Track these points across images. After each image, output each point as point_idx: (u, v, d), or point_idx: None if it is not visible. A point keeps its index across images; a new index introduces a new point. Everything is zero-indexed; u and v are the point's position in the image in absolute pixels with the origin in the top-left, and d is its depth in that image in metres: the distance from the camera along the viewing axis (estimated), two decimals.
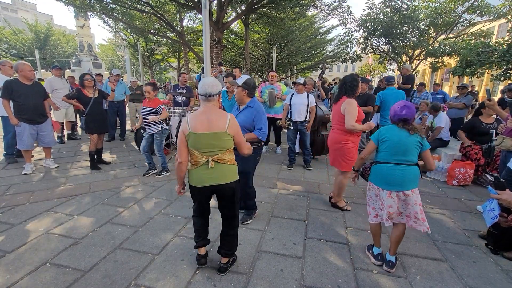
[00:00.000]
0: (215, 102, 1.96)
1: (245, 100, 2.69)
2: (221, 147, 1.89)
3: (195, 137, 1.85)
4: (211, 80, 1.93)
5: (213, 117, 1.87)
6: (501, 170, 3.47)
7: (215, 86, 1.90)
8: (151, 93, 4.03)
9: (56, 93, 5.77)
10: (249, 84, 2.64)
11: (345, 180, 3.20)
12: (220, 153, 1.90)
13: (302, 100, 4.51)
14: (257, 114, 2.66)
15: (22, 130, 4.05)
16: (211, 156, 1.88)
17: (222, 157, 1.90)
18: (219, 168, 1.91)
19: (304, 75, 26.81)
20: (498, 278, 2.16)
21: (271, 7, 11.52)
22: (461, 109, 5.84)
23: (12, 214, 2.97)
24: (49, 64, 27.13)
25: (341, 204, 3.31)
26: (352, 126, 2.92)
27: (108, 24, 16.73)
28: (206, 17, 4.36)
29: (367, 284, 2.07)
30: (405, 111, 2.11)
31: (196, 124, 1.85)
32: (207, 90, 1.88)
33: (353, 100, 3.01)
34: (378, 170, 2.21)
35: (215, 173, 1.90)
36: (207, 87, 1.88)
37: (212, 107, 1.93)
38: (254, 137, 2.66)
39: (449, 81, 23.46)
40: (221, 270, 2.11)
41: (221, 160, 1.90)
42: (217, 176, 1.91)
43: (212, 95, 1.90)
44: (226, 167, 1.93)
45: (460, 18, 11.82)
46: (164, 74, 36.28)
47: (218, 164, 1.90)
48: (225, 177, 1.93)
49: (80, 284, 1.99)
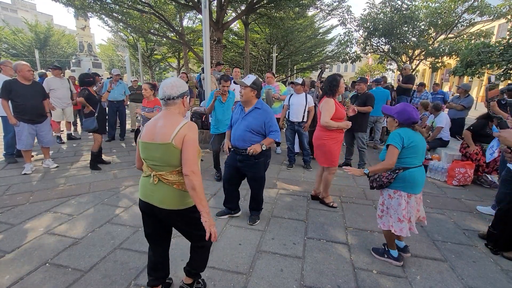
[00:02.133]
0: (176, 106, 1.58)
1: (253, 101, 2.64)
2: (165, 162, 1.52)
3: (141, 146, 1.58)
4: (171, 80, 1.59)
5: (162, 125, 1.52)
6: (501, 170, 3.47)
7: (175, 87, 1.55)
8: (148, 90, 4.06)
9: (53, 93, 5.75)
10: (258, 85, 2.59)
11: (330, 176, 3.25)
12: (165, 170, 1.53)
13: (300, 100, 4.51)
14: (267, 115, 2.61)
15: (21, 130, 4.05)
16: (156, 171, 1.55)
17: (167, 177, 1.53)
18: (162, 188, 1.55)
19: (304, 75, 26.84)
20: (498, 278, 2.16)
21: (271, 7, 11.52)
22: (460, 110, 5.84)
23: (12, 214, 2.97)
24: (49, 64, 27.12)
25: (327, 200, 3.35)
26: (326, 123, 3.00)
27: (107, 24, 16.73)
28: (206, 17, 4.37)
29: (367, 284, 2.07)
30: (416, 114, 2.13)
31: (145, 131, 1.56)
32: (165, 93, 1.54)
33: (331, 99, 3.08)
34: (411, 176, 2.10)
35: (156, 192, 1.55)
36: (165, 89, 1.54)
37: (169, 113, 1.56)
38: (271, 141, 2.65)
39: (448, 81, 23.48)
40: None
41: (165, 179, 1.53)
42: (157, 198, 1.55)
43: (172, 98, 1.54)
44: (170, 190, 1.54)
45: (460, 18, 11.83)
46: (164, 74, 36.27)
47: (162, 183, 1.54)
48: (165, 202, 1.55)
49: (80, 284, 1.99)
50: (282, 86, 5.51)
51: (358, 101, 4.63)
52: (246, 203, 3.18)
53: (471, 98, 5.95)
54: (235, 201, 2.99)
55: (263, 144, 2.59)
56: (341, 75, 3.25)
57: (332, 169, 3.25)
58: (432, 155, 4.83)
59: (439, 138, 4.86)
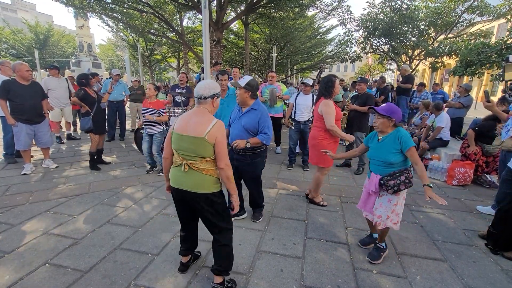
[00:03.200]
0: (207, 105, 1.83)
1: (249, 102, 2.63)
2: (197, 153, 1.74)
3: (175, 137, 1.80)
4: (205, 83, 1.84)
5: (196, 120, 1.75)
6: (501, 170, 3.48)
7: (207, 89, 1.80)
8: (152, 90, 4.09)
9: (51, 92, 5.74)
10: (252, 86, 2.59)
11: (322, 176, 3.27)
12: (196, 159, 1.75)
13: (307, 101, 4.52)
14: (262, 117, 2.60)
15: (19, 130, 4.04)
16: (187, 160, 1.76)
17: (197, 165, 1.74)
18: (192, 174, 1.76)
19: (304, 75, 26.82)
20: (498, 278, 2.16)
21: (270, 7, 11.51)
22: (458, 108, 5.84)
23: (11, 215, 2.96)
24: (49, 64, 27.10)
25: (317, 200, 3.37)
26: (332, 127, 3.00)
27: (107, 24, 16.71)
28: (206, 17, 4.36)
29: (367, 284, 2.07)
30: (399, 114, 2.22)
31: (180, 124, 1.79)
32: (198, 92, 1.80)
33: (330, 101, 3.08)
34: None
35: (187, 178, 1.77)
36: (199, 89, 1.80)
37: (201, 110, 1.81)
38: (258, 141, 2.62)
39: (448, 81, 23.49)
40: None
41: (195, 167, 1.75)
42: (188, 183, 1.77)
43: (203, 98, 1.79)
44: (199, 176, 1.76)
45: (460, 18, 11.83)
46: (164, 74, 36.27)
47: (192, 170, 1.76)
48: (195, 186, 1.76)
49: (79, 284, 1.99)
50: (283, 86, 5.52)
51: (358, 101, 4.64)
52: (246, 203, 3.19)
53: (471, 98, 5.96)
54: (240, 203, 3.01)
55: (248, 142, 2.58)
56: (337, 76, 3.25)
57: (325, 170, 3.27)
58: (432, 155, 4.83)
59: (439, 138, 4.86)
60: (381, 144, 2.21)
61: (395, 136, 2.15)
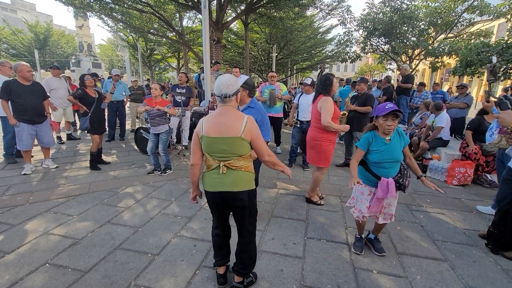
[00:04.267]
0: (232, 103, 1.75)
1: (246, 100, 2.67)
2: (234, 153, 1.70)
3: (207, 141, 1.70)
4: (226, 79, 1.71)
5: (227, 120, 1.68)
6: (498, 168, 3.48)
7: (230, 86, 1.70)
8: (158, 90, 4.14)
9: (54, 93, 5.77)
10: (250, 84, 2.62)
11: (321, 176, 3.28)
12: (233, 159, 1.71)
13: (309, 100, 4.51)
14: (259, 115, 2.61)
15: (21, 131, 4.04)
16: (223, 161, 1.71)
17: (235, 164, 1.71)
18: (231, 174, 1.73)
19: (303, 75, 26.82)
20: (498, 278, 2.16)
21: (270, 7, 11.52)
22: (462, 108, 5.84)
23: (11, 215, 2.96)
24: (49, 64, 27.10)
25: (314, 199, 3.39)
26: (328, 123, 3.00)
27: (107, 24, 16.70)
28: (206, 17, 4.36)
29: (367, 284, 2.07)
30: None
31: (210, 127, 1.70)
32: (222, 91, 1.69)
33: (329, 98, 3.09)
34: None
35: (226, 179, 1.72)
36: (222, 88, 1.69)
37: (229, 108, 1.73)
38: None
39: (448, 80, 23.48)
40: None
41: (234, 166, 1.72)
42: (228, 183, 1.73)
43: (228, 96, 1.70)
44: (239, 174, 1.74)
45: (460, 18, 11.83)
46: (164, 74, 36.26)
47: (231, 170, 1.72)
48: (236, 185, 1.73)
49: (79, 284, 1.99)
50: (282, 86, 5.51)
51: (358, 101, 4.64)
52: None
53: (471, 97, 5.97)
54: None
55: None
56: (334, 75, 3.28)
57: (324, 169, 3.28)
58: (432, 155, 4.83)
59: (439, 137, 4.86)
60: (391, 145, 2.13)
61: (396, 133, 2.19)
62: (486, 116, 4.19)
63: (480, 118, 4.25)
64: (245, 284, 1.96)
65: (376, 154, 2.14)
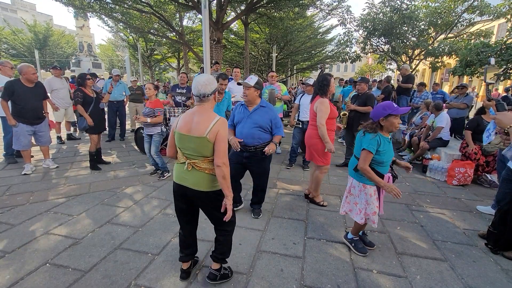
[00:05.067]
0: (209, 102, 1.79)
1: (257, 100, 2.75)
2: (199, 153, 1.74)
3: (178, 136, 1.78)
4: (204, 78, 1.76)
5: (199, 119, 1.72)
6: (499, 168, 3.49)
7: (208, 85, 1.74)
8: (152, 90, 4.05)
9: (56, 93, 5.79)
10: (261, 84, 2.73)
11: (321, 175, 3.28)
12: (199, 159, 1.75)
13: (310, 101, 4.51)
14: (273, 113, 2.76)
15: (19, 131, 4.04)
16: (190, 159, 1.77)
17: (200, 164, 1.75)
18: (194, 173, 1.77)
19: (303, 75, 26.82)
20: (498, 278, 2.16)
21: (270, 7, 11.52)
22: (462, 109, 5.85)
23: (12, 215, 2.97)
24: (49, 64, 27.11)
25: (317, 200, 3.38)
26: (321, 125, 3.03)
27: (107, 24, 16.72)
28: (206, 17, 4.36)
29: (367, 284, 2.07)
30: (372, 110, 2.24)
31: (182, 124, 1.76)
32: (200, 91, 1.73)
33: (325, 99, 3.11)
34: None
35: (190, 176, 1.78)
36: (200, 87, 1.73)
37: (204, 108, 1.78)
38: (280, 137, 2.82)
39: (448, 81, 23.48)
40: (210, 276, 2.00)
41: (198, 167, 1.76)
42: (191, 181, 1.78)
43: (206, 95, 1.75)
44: (202, 176, 1.77)
45: (460, 18, 11.82)
46: (164, 74, 36.25)
47: (195, 170, 1.77)
48: (198, 184, 1.77)
49: (80, 284, 1.99)
50: (282, 86, 5.52)
51: (359, 101, 4.64)
52: (246, 202, 3.19)
53: (471, 97, 5.97)
54: (238, 194, 3.13)
55: (275, 142, 2.80)
56: (332, 75, 3.27)
57: (324, 168, 3.27)
58: (432, 155, 4.83)
59: (439, 137, 4.86)
60: (391, 142, 2.23)
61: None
62: (484, 115, 4.21)
63: (478, 118, 4.27)
64: (221, 272, 2.02)
65: (384, 154, 2.12)
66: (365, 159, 2.10)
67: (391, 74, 17.13)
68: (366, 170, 2.10)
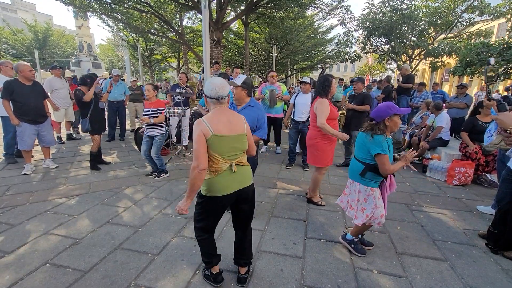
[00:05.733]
0: (226, 103, 1.84)
1: (245, 99, 2.69)
2: (241, 149, 1.82)
3: (219, 140, 1.69)
4: (220, 81, 1.79)
5: (232, 119, 1.79)
6: (499, 168, 3.49)
7: (225, 87, 1.78)
8: (151, 91, 4.03)
9: (56, 93, 5.78)
10: (248, 84, 2.66)
11: (320, 176, 3.28)
12: (241, 155, 1.83)
13: (305, 100, 4.51)
14: (260, 113, 2.69)
15: (23, 130, 4.04)
16: (234, 160, 1.77)
17: (242, 160, 1.83)
18: (241, 171, 1.82)
19: (304, 75, 26.81)
20: (498, 278, 2.16)
21: (270, 7, 11.52)
22: (462, 109, 5.85)
23: (12, 215, 2.96)
24: (49, 64, 27.10)
25: (315, 200, 3.38)
26: (322, 124, 3.01)
27: (107, 24, 16.72)
28: (206, 17, 4.36)
29: (367, 284, 2.07)
30: (373, 110, 2.18)
31: (219, 126, 1.70)
32: (218, 93, 1.75)
33: (325, 100, 3.10)
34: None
35: (239, 176, 1.81)
36: (218, 90, 1.74)
37: (227, 108, 1.83)
38: (258, 139, 2.70)
39: (448, 80, 23.48)
40: (242, 281, 2.01)
41: (242, 162, 1.83)
42: (242, 180, 1.83)
43: (224, 97, 1.78)
44: (246, 169, 1.87)
45: (460, 18, 11.83)
46: (164, 74, 36.24)
47: (240, 167, 1.82)
48: (248, 179, 1.87)
49: (80, 284, 1.99)
50: (283, 86, 5.51)
51: (356, 100, 4.65)
52: None
53: (471, 97, 5.98)
54: None
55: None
56: (333, 76, 3.27)
57: (323, 170, 3.27)
58: (432, 155, 4.83)
59: (439, 137, 4.86)
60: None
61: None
62: (479, 116, 4.23)
63: (473, 119, 4.28)
64: (249, 272, 2.09)
65: (389, 154, 2.11)
66: (385, 163, 2.06)
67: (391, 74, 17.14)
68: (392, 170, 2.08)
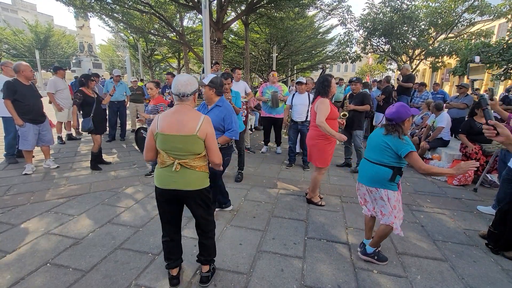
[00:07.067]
0: (189, 102, 1.79)
1: (214, 99, 2.65)
2: (189, 151, 1.73)
3: (162, 138, 1.71)
4: (184, 78, 1.77)
5: (184, 118, 1.71)
6: (500, 169, 3.49)
7: (189, 85, 1.74)
8: (154, 89, 4.04)
9: (59, 93, 5.83)
10: (216, 83, 2.60)
11: (319, 176, 3.28)
12: (189, 158, 1.74)
13: (303, 100, 4.52)
14: (227, 113, 2.60)
15: (27, 131, 4.06)
16: (178, 159, 1.72)
17: (190, 163, 1.74)
18: (184, 173, 1.74)
19: (304, 75, 26.80)
20: (498, 278, 2.16)
21: (271, 7, 11.51)
22: (462, 109, 5.84)
23: (12, 215, 2.97)
24: (49, 64, 27.16)
25: (315, 200, 3.38)
26: (321, 123, 3.00)
27: (108, 24, 16.71)
28: (206, 17, 4.37)
29: (368, 284, 2.07)
30: (391, 111, 2.11)
31: (165, 124, 1.71)
32: (180, 90, 1.72)
33: (326, 99, 3.11)
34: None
35: (178, 177, 1.74)
36: (180, 87, 1.73)
37: (186, 107, 1.77)
38: (227, 139, 2.65)
39: (449, 81, 23.45)
40: (203, 280, 1.98)
41: (189, 165, 1.74)
42: (181, 182, 1.75)
43: (186, 95, 1.74)
44: (192, 174, 1.76)
45: (460, 18, 11.82)
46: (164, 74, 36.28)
47: (184, 168, 1.74)
48: (188, 184, 1.76)
49: (80, 284, 1.99)
50: (284, 87, 5.52)
51: (355, 100, 4.65)
52: (246, 202, 3.18)
53: (471, 97, 5.96)
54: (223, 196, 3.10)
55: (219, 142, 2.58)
56: (332, 76, 3.29)
57: (322, 170, 3.28)
58: (432, 155, 4.83)
59: (440, 137, 4.86)
60: None
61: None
62: (476, 117, 4.23)
63: (470, 120, 4.29)
64: (211, 272, 2.05)
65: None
66: (419, 159, 2.02)
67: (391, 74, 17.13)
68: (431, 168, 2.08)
